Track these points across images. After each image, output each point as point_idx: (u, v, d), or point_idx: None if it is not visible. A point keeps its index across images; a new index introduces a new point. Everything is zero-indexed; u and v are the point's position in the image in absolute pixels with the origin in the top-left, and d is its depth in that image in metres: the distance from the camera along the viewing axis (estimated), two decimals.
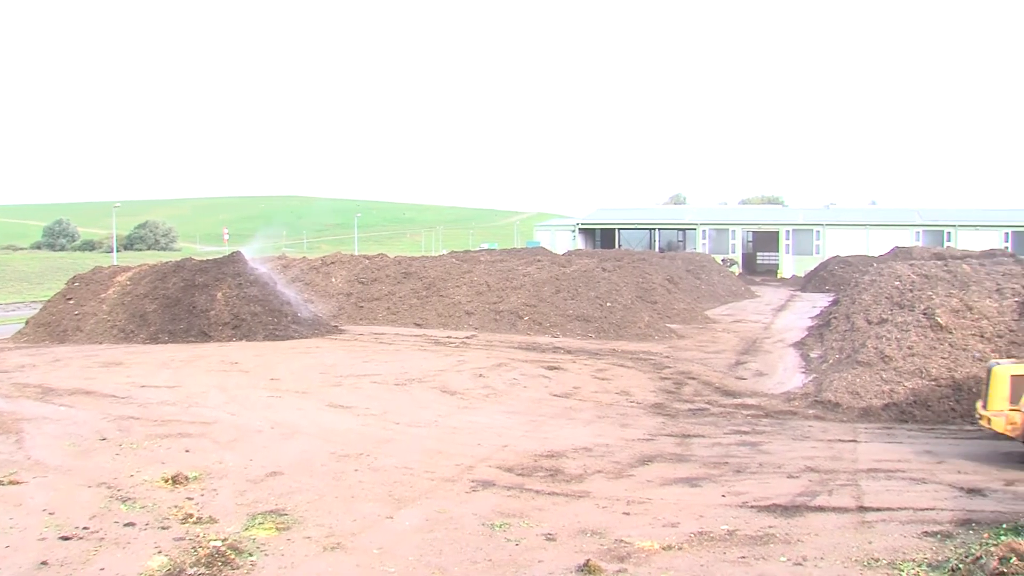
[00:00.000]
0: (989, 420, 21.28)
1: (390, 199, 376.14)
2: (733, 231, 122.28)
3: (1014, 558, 12.33)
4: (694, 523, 17.02)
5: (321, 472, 20.12)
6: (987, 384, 21.74)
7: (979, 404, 22.29)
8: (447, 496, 18.58)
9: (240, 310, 44.81)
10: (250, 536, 15.68)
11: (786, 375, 35.47)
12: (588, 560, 14.49)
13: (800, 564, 14.79)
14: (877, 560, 14.82)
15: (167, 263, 51.90)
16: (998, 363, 22.22)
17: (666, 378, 34.26)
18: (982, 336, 31.72)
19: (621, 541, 15.84)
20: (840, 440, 24.35)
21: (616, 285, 51.81)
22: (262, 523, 16.46)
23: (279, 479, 19.42)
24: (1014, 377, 21.13)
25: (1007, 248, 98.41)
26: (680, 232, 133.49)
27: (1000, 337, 31.67)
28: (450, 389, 30.75)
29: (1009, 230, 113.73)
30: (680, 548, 15.55)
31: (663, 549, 15.45)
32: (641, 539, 15.90)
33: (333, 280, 58.02)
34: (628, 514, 17.67)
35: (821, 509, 18.13)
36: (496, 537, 16.05)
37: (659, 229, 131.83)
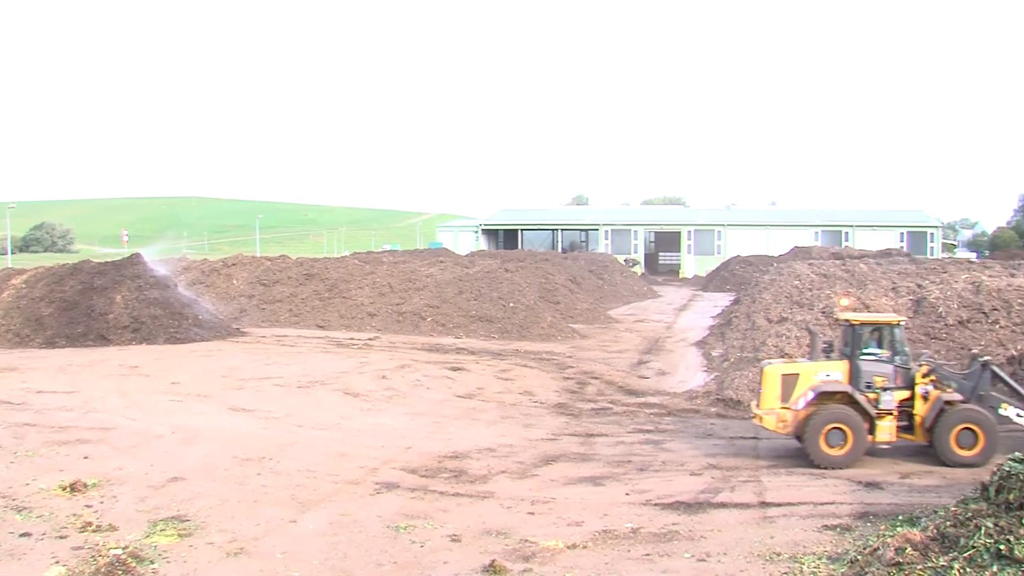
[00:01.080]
0: (762, 419, 21.87)
1: (292, 200, 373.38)
2: (635, 231, 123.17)
3: (909, 548, 12.60)
4: (598, 522, 17.14)
5: (223, 477, 19.89)
6: (760, 383, 22.44)
7: (754, 404, 22.99)
8: (351, 499, 18.49)
9: (140, 313, 44.06)
10: (151, 543, 15.41)
11: (688, 374, 35.81)
12: (493, 560, 14.51)
13: (704, 560, 14.96)
14: (779, 554, 15.05)
15: (64, 265, 50.82)
16: (769, 363, 23.08)
17: (569, 378, 34.42)
18: None
19: (526, 541, 15.89)
20: (742, 437, 24.69)
21: (519, 286, 51.90)
22: (163, 530, 16.21)
23: (181, 485, 19.14)
24: (784, 376, 21.85)
25: (903, 248, 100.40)
26: (583, 232, 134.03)
27: None
28: (353, 391, 30.57)
29: (905, 230, 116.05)
30: (585, 547, 15.64)
31: (568, 548, 15.53)
32: (546, 538, 15.96)
33: (234, 282, 57.37)
34: (533, 514, 17.74)
35: (724, 505, 18.37)
36: (401, 539, 16.01)
37: (562, 229, 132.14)
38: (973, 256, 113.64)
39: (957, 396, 21.52)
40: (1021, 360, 29.37)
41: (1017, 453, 14.24)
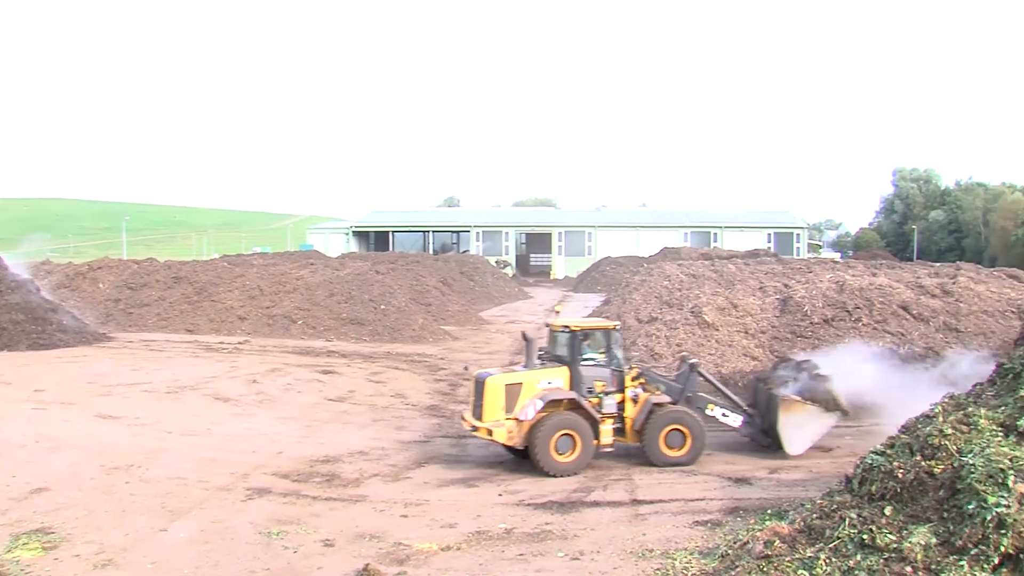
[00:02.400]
0: (490, 431, 21.18)
1: (160, 201, 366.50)
2: (506, 233, 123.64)
3: (777, 541, 12.85)
4: (472, 523, 17.16)
5: (90, 486, 19.39)
6: (479, 395, 21.73)
7: (467, 415, 22.41)
8: (222, 505, 18.21)
9: (0, 318, 42.86)
10: (13, 558, 14.92)
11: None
12: (367, 564, 14.39)
13: (577, 558, 15.06)
14: (651, 551, 15.22)
15: None
16: (488, 374, 22.27)
17: (441, 380, 34.42)
18: (746, 332, 33.00)
19: (400, 544, 15.84)
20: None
21: (390, 288, 51.76)
22: (27, 543, 15.68)
23: (45, 495, 18.60)
24: (508, 386, 21.42)
25: (770, 248, 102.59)
26: (454, 234, 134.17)
27: (763, 333, 33.01)
28: (223, 396, 30.14)
29: (772, 231, 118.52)
30: (459, 548, 15.64)
31: (442, 550, 15.51)
32: (420, 541, 15.93)
33: (101, 286, 56.11)
34: (406, 516, 17.69)
35: (596, 504, 18.54)
36: (273, 545, 15.82)
37: (433, 231, 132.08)
38: (837, 256, 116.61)
39: (666, 398, 22.15)
40: (883, 355, 30.10)
41: (878, 446, 14.60)
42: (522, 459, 21.62)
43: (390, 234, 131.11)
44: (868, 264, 51.72)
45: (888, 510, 12.77)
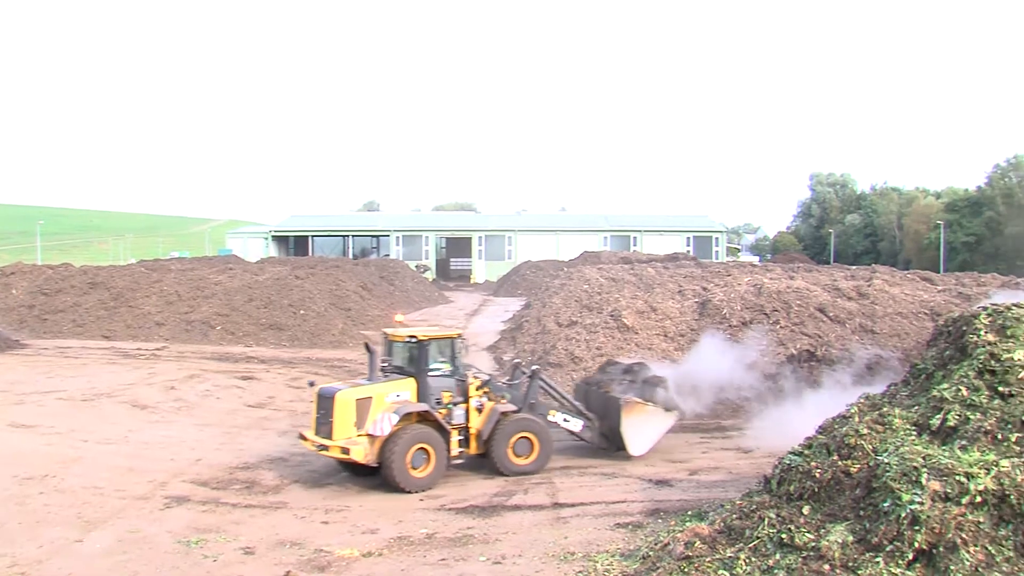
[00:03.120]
0: (346, 450, 20.00)
1: (76, 205, 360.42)
2: (427, 237, 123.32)
3: (698, 542, 12.97)
4: (393, 528, 17.11)
5: (2, 497, 18.95)
6: (327, 412, 20.53)
7: (308, 433, 21.11)
8: (140, 515, 17.96)
9: None
10: None
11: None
12: (288, 572, 14.33)
13: (499, 562, 15.07)
14: (573, 554, 15.28)
15: None
16: (336, 388, 21.16)
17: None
18: (665, 335, 33.22)
19: (321, 550, 15.75)
20: None
21: (309, 293, 51.45)
22: None
23: None
24: (359, 401, 20.44)
25: (689, 251, 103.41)
26: (374, 238, 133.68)
27: (682, 336, 33.24)
28: (141, 403, 29.71)
29: (691, 234, 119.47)
30: (380, 554, 15.59)
31: (363, 556, 15.46)
32: (341, 547, 15.86)
33: (13, 292, 55.14)
34: (327, 523, 17.60)
35: (518, 508, 18.57)
36: (192, 554, 15.64)
37: (353, 236, 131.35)
38: (755, 260, 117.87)
39: (511, 406, 21.92)
40: (800, 358, 30.50)
41: (796, 446, 14.79)
42: (361, 475, 20.85)
43: (310, 239, 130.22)
44: (786, 267, 52.37)
45: (806, 509, 12.94)
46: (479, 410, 21.61)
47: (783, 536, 12.37)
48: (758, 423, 26.25)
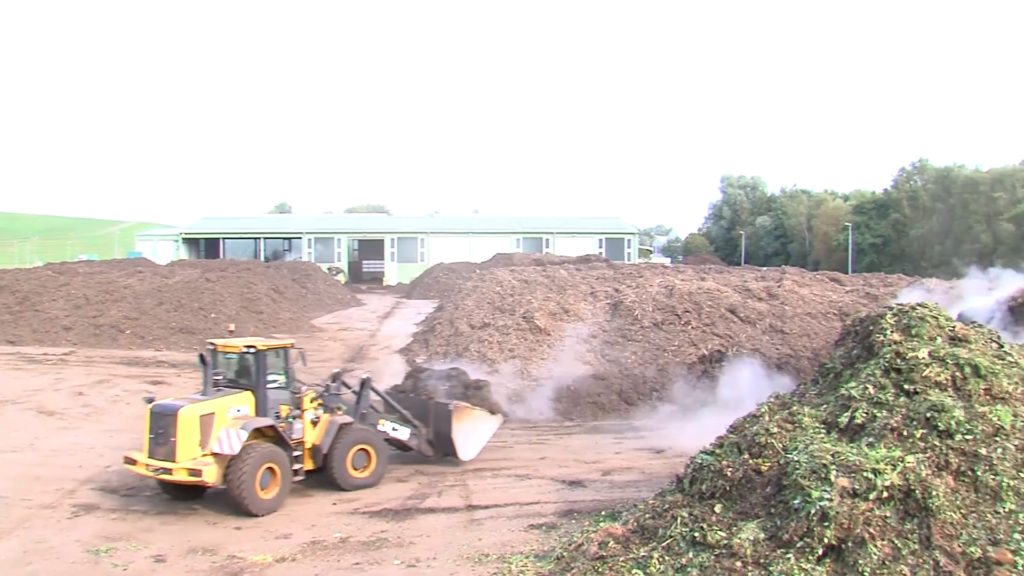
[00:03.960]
0: (196, 472, 18.05)
1: None
2: (339, 239, 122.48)
3: (611, 542, 13.04)
4: (307, 533, 16.99)
5: None
6: (167, 430, 18.52)
7: (139, 456, 18.98)
8: (47, 524, 17.57)
9: None
10: None
11: (393, 381, 35.56)
12: None
13: (413, 566, 15.02)
14: (487, 555, 15.29)
15: None
16: (178, 405, 18.98)
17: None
18: (578, 336, 33.32)
19: (233, 557, 15.58)
20: None
21: (220, 296, 50.92)
22: None
23: None
24: (203, 418, 18.59)
25: (601, 253, 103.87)
26: (286, 241, 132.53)
27: (594, 337, 33.38)
28: (47, 409, 29.15)
29: (603, 236, 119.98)
30: (294, 559, 15.47)
31: (277, 561, 15.32)
32: (254, 553, 15.70)
33: None
34: (240, 528, 17.40)
35: (432, 510, 18.53)
36: (102, 563, 15.36)
37: (264, 238, 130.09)
38: (667, 261, 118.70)
39: (348, 418, 20.79)
40: (711, 358, 30.79)
41: (708, 445, 14.94)
42: (182, 499, 19.16)
43: (221, 241, 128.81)
44: (697, 269, 52.86)
45: (718, 508, 13.08)
46: (314, 423, 20.35)
47: (696, 535, 12.49)
48: (671, 423, 26.46)
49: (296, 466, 19.51)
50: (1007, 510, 11.84)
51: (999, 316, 26.01)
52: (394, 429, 21.91)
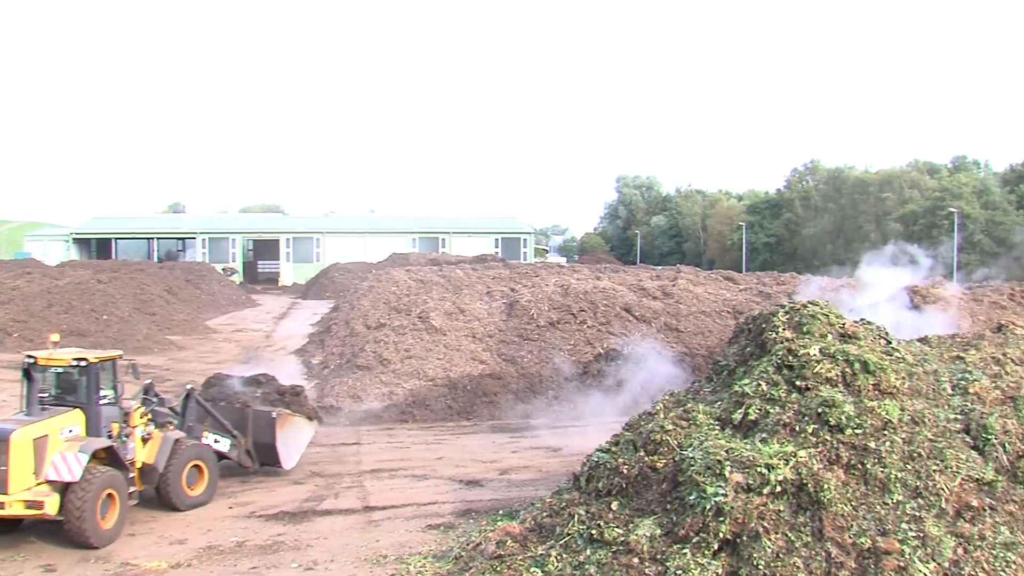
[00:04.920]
0: (36, 504, 16.20)
1: None
2: (233, 240, 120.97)
3: (509, 540, 13.07)
4: (202, 538, 16.75)
5: None
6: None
7: None
8: None
9: None
10: None
11: (288, 382, 35.48)
12: None
13: (311, 568, 14.91)
14: (385, 557, 15.22)
15: None
16: (6, 428, 16.76)
17: (167, 392, 33.39)
18: (474, 336, 33.34)
19: (127, 564, 15.30)
20: (343, 444, 24.79)
21: (112, 297, 49.99)
22: None
23: None
24: (36, 441, 16.56)
25: (497, 253, 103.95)
26: (180, 241, 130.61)
27: (490, 336, 33.42)
28: None
29: (499, 236, 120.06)
30: (189, 565, 15.25)
31: (172, 568, 15.09)
32: (148, 560, 15.44)
33: None
34: (133, 535, 17.08)
35: (329, 512, 18.39)
36: None
37: (158, 238, 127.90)
38: (563, 260, 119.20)
39: (180, 433, 19.38)
40: (607, 357, 31.01)
41: (604, 443, 15.04)
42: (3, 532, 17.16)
43: (113, 241, 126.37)
44: (593, 268, 53.17)
45: (615, 505, 13.17)
46: (145, 440, 18.58)
47: (593, 532, 12.57)
48: (567, 421, 26.61)
49: (131, 489, 17.75)
50: (895, 501, 12.12)
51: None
52: (216, 441, 20.41)
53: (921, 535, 11.67)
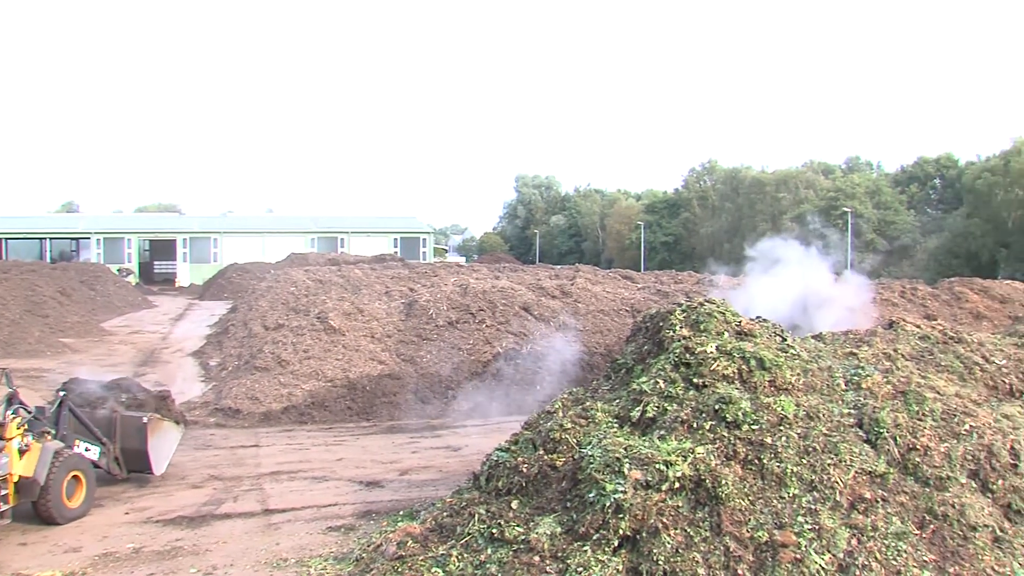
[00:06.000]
0: None
1: None
2: (129, 240, 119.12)
3: (410, 541, 13.04)
4: (98, 545, 16.43)
5: None
6: None
7: None
8: None
9: None
10: None
11: (186, 384, 35.06)
12: None
13: (210, 573, 14.71)
14: (286, 560, 15.08)
15: None
16: None
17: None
18: (373, 337, 33.23)
19: (18, 574, 14.99)
20: (242, 446, 24.53)
21: (3, 299, 48.92)
22: None
23: None
24: None
25: (396, 252, 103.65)
26: (73, 241, 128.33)
27: (389, 337, 33.33)
28: None
29: (398, 236, 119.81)
30: (84, 573, 14.93)
31: None
32: (41, 569, 15.10)
33: None
34: (25, 544, 16.69)
35: (228, 516, 18.17)
36: None
37: (50, 238, 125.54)
38: (462, 260, 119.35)
39: (59, 443, 18.22)
40: (506, 355, 31.10)
41: (503, 442, 15.09)
42: None
43: (3, 241, 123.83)
44: (492, 267, 53.29)
45: (515, 504, 13.21)
46: (22, 452, 17.13)
47: (493, 531, 12.59)
48: (467, 421, 26.64)
49: (3, 507, 16.41)
50: (791, 495, 12.33)
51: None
52: (87, 449, 19.60)
53: (817, 527, 11.89)
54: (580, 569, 11.47)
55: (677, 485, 12.07)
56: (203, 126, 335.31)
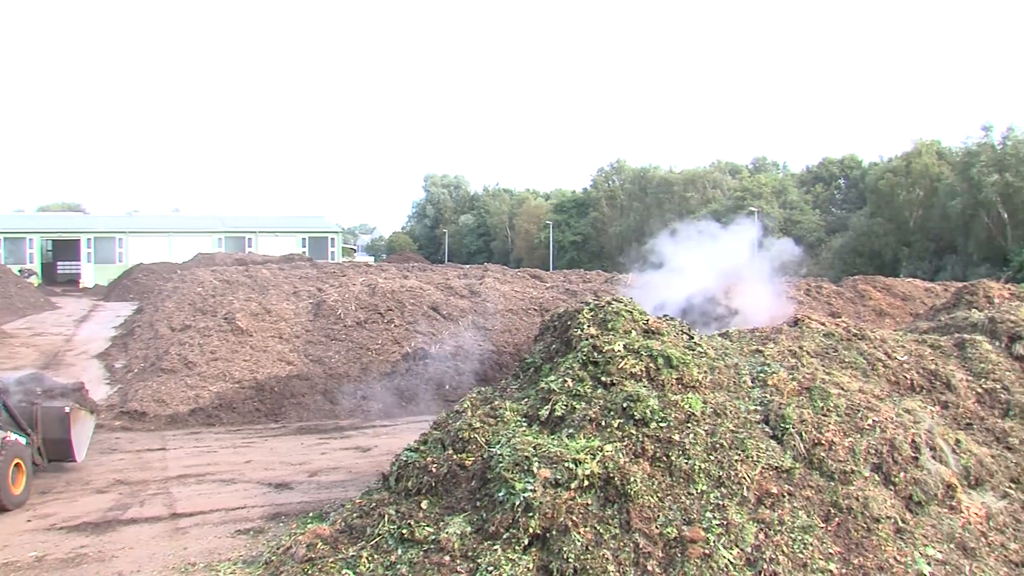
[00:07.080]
0: None
1: None
2: (31, 240, 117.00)
3: (320, 543, 12.96)
4: None
5: None
6: None
7: None
8: None
9: None
10: None
11: (91, 387, 34.42)
12: None
13: None
14: (194, 564, 14.91)
15: None
16: None
17: None
18: (281, 337, 33.02)
19: None
20: (149, 449, 24.21)
21: None
22: None
23: None
24: None
25: (304, 252, 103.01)
26: None
27: (297, 337, 33.15)
28: None
29: (306, 235, 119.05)
30: None
31: None
32: None
33: None
34: None
35: (134, 521, 17.91)
36: None
37: None
38: (371, 259, 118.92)
39: (4, 432, 18.59)
40: (415, 356, 31.08)
41: (412, 442, 15.08)
42: None
43: None
44: (400, 267, 53.23)
45: (425, 504, 13.19)
46: None
47: (403, 531, 12.56)
48: (376, 421, 26.58)
49: None
50: (699, 491, 12.47)
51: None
52: (16, 441, 19.39)
53: (725, 523, 12.05)
54: (491, 568, 11.49)
55: (586, 483, 12.14)
56: (107, 123, 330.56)
